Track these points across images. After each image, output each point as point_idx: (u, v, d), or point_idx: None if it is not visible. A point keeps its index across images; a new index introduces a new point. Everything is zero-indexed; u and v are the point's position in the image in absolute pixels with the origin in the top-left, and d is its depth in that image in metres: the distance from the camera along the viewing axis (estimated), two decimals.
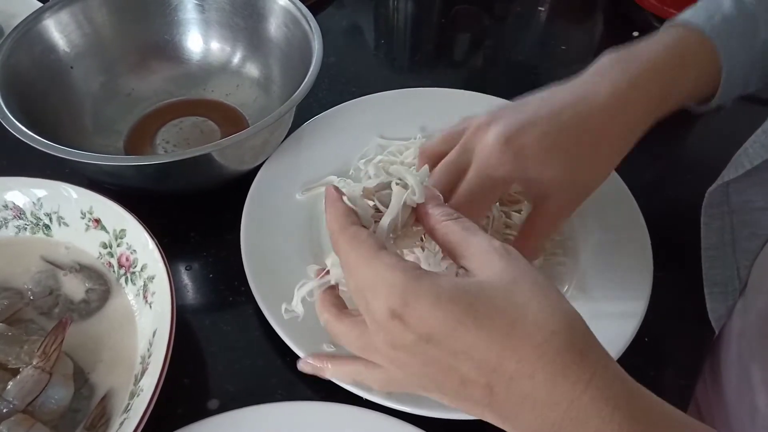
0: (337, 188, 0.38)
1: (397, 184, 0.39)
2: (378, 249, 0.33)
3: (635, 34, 0.86)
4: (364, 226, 0.36)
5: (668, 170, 0.71)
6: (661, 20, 0.85)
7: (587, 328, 0.31)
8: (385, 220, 0.38)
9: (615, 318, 0.53)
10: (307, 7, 0.67)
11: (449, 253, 0.35)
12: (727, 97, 0.50)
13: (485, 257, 0.32)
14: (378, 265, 0.32)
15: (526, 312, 0.30)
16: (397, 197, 0.38)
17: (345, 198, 0.38)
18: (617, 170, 0.64)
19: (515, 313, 0.30)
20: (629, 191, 0.62)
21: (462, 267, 0.34)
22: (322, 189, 0.62)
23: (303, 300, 0.54)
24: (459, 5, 0.93)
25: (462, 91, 0.71)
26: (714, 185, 0.50)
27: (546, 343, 0.29)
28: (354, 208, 0.37)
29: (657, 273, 0.56)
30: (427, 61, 0.85)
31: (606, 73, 0.46)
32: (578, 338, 0.30)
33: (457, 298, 0.30)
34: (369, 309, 0.32)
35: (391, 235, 0.38)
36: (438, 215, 0.36)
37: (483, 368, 0.30)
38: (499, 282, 0.31)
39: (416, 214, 0.39)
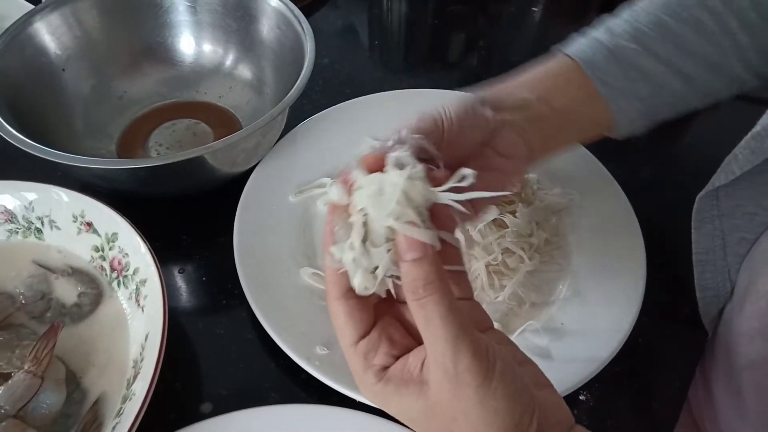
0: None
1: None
2: (351, 344, 0.35)
3: None
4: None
5: (664, 171, 0.71)
6: None
7: None
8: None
9: (608, 320, 0.53)
10: (300, 8, 0.67)
11: None
12: (629, 128, 0.49)
13: (439, 378, 0.32)
14: (351, 362, 0.35)
15: None
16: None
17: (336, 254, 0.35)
18: (612, 171, 0.64)
19: None
20: (623, 193, 0.62)
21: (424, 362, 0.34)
22: (316, 191, 0.62)
23: (295, 304, 0.54)
24: (453, 6, 0.93)
25: (456, 92, 0.71)
26: (704, 191, 0.50)
27: None
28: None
29: (651, 274, 0.56)
30: (421, 61, 0.85)
31: None
32: None
33: (411, 421, 0.35)
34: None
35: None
36: (407, 286, 0.32)
37: None
38: (443, 413, 0.32)
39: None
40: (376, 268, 0.33)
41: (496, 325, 0.42)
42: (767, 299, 0.47)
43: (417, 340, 0.35)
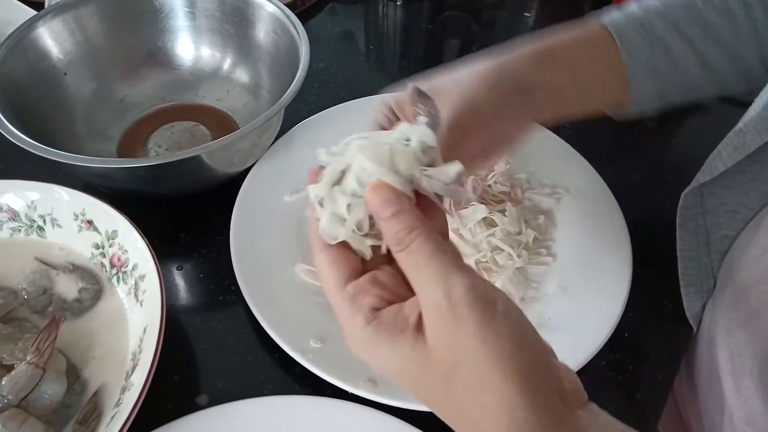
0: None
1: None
2: (337, 290, 0.32)
3: None
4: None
5: (651, 171, 0.72)
6: None
7: (530, 415, 0.28)
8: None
9: (595, 315, 0.54)
10: (298, 14, 0.68)
11: None
12: (642, 105, 0.51)
13: (434, 320, 0.29)
14: (338, 309, 0.33)
15: (462, 407, 0.30)
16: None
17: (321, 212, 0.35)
18: (600, 172, 0.66)
19: (451, 405, 0.30)
20: (611, 192, 0.64)
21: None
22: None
23: (289, 300, 0.55)
24: (447, 12, 0.95)
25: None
26: (689, 188, 0.51)
27: None
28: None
29: (638, 271, 0.58)
30: (416, 66, 0.87)
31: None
32: None
33: (402, 377, 0.31)
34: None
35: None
36: (390, 240, 0.31)
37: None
38: (442, 361, 0.29)
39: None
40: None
41: None
42: (744, 290, 0.48)
43: (413, 292, 0.32)
